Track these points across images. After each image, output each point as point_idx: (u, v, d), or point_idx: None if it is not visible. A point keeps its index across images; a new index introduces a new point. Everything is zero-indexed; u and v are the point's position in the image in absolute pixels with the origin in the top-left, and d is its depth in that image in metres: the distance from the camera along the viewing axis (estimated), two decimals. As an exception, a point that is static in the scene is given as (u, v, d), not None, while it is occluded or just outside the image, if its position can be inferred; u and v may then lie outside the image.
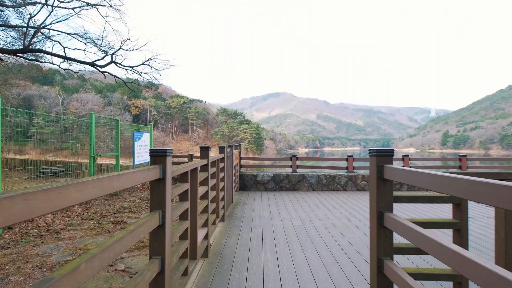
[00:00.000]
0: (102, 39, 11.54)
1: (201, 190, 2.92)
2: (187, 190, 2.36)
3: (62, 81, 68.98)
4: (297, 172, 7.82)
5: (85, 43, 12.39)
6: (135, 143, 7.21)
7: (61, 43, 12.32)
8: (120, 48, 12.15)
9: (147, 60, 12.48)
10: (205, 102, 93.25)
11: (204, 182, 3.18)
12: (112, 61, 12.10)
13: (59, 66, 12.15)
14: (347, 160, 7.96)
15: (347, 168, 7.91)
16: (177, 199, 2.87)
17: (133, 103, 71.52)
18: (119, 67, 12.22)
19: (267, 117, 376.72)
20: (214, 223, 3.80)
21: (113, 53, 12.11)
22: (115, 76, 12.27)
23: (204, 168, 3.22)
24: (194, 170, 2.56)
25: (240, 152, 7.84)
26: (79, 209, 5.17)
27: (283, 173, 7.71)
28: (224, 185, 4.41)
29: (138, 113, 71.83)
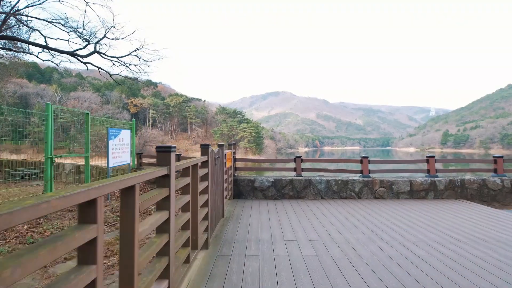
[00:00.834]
0: (84, 26, 10.37)
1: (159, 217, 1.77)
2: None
3: (60, 79, 67.95)
4: (302, 176, 6.67)
5: (67, 32, 11.21)
6: (110, 142, 6.03)
7: (41, 31, 11.15)
8: (105, 36, 10.94)
9: (135, 50, 11.17)
10: (204, 101, 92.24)
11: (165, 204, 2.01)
12: (95, 51, 10.86)
13: (37, 56, 10.96)
14: (361, 162, 6.67)
15: (361, 171, 6.69)
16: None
17: (132, 102, 70.67)
18: (103, 57, 10.99)
19: (266, 116, 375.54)
20: (187, 260, 2.56)
21: (96, 42, 10.90)
22: (98, 68, 11.07)
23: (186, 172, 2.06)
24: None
25: (234, 152, 6.71)
26: (25, 227, 4.01)
27: (285, 177, 6.59)
28: (208, 199, 3.25)
29: (136, 111, 71.00)
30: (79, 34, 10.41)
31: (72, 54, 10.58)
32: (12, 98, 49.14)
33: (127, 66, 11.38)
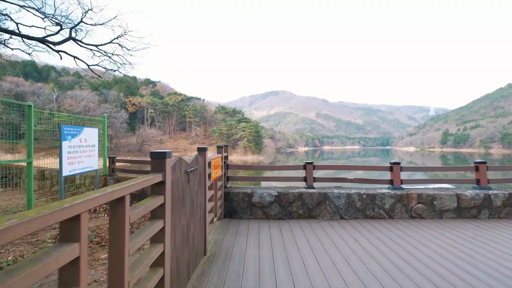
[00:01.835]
0: (56, 7, 8.89)
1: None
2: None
3: (57, 78, 66.65)
4: (314, 188, 5.23)
5: (42, 18, 9.76)
6: (65, 143, 4.60)
7: (12, 17, 9.66)
8: (81, 21, 9.47)
9: (116, 38, 9.72)
10: (203, 100, 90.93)
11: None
12: (70, 37, 9.36)
13: (4, 44, 9.52)
14: (391, 169, 5.16)
15: (390, 182, 5.21)
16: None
17: (130, 101, 69.46)
18: (80, 45, 9.50)
19: (266, 116, 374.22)
20: None
21: (72, 28, 9.41)
22: (74, 57, 9.59)
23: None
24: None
25: (226, 157, 5.33)
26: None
27: (293, 190, 5.16)
28: (163, 253, 1.80)
29: (135, 110, 69.87)
30: (50, 17, 8.93)
31: (42, 40, 9.11)
32: (8, 96, 47.81)
33: (109, 57, 9.95)
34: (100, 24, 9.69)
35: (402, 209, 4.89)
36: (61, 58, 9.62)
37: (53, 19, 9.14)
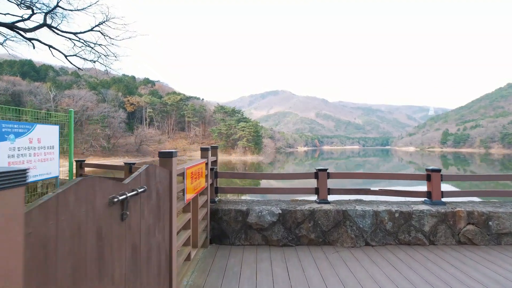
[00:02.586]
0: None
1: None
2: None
3: (55, 77, 65.54)
4: (329, 203, 4.12)
5: (17, 4, 8.61)
6: (3, 144, 3.46)
7: None
8: (57, 5, 8.27)
9: (98, 25, 8.59)
10: (203, 99, 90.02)
11: None
12: (44, 24, 8.20)
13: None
14: (428, 178, 4.07)
15: (427, 194, 4.08)
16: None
17: (128, 100, 68.56)
18: (56, 33, 8.37)
19: (265, 115, 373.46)
20: None
21: (47, 13, 8.23)
22: (49, 46, 8.42)
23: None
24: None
25: (215, 161, 4.27)
26: None
27: (301, 206, 4.02)
28: None
29: (133, 110, 68.97)
30: (20, 0, 7.71)
31: (11, 26, 7.91)
32: (4, 96, 46.70)
33: (92, 47, 8.82)
34: (79, 10, 8.51)
35: (447, 232, 3.71)
36: (33, 47, 8.42)
37: (23, 3, 7.94)
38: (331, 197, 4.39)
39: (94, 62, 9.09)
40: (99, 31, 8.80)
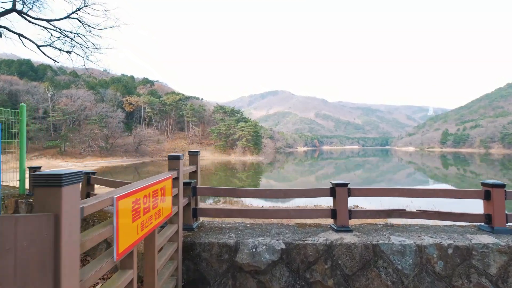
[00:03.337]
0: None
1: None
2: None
3: (53, 77, 65.44)
4: (351, 231, 3.17)
5: None
6: None
7: None
8: (29, -12, 7.75)
9: (75, 11, 7.52)
10: (202, 99, 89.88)
11: None
12: (13, 9, 7.25)
13: None
14: (486, 196, 3.17)
15: (486, 218, 3.18)
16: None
17: (127, 100, 68.53)
18: (27, 20, 7.41)
19: (265, 116, 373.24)
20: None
21: (17, -3, 7.57)
22: (19, 35, 7.68)
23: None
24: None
25: (194, 172, 3.51)
26: None
27: (313, 238, 3.01)
28: None
29: (132, 110, 68.94)
30: None
31: (-30, 12, 7.40)
32: (1, 95, 46.55)
33: (72, 38, 7.91)
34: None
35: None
36: (0, 36, 7.55)
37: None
38: (354, 222, 3.44)
39: (70, 53, 8.25)
40: (77, 18, 7.82)
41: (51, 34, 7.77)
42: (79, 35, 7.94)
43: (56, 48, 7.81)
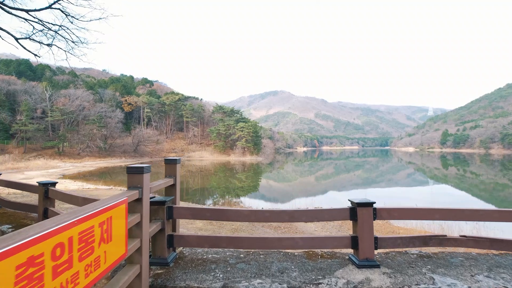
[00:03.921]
0: None
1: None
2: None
3: (52, 77, 65.17)
4: (378, 266, 2.42)
5: None
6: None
7: None
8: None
9: (57, 1, 6.72)
10: (201, 99, 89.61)
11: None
12: None
13: None
14: None
15: None
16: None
17: (126, 100, 68.34)
18: (4, 9, 6.57)
19: (265, 116, 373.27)
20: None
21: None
22: None
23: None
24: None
25: (168, 190, 2.83)
26: None
27: (329, 279, 2.24)
28: None
29: (131, 110, 68.75)
30: None
31: None
32: (-2, 95, 46.24)
33: (56, 31, 7.22)
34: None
35: None
36: None
37: None
38: (381, 252, 2.70)
39: (51, 46, 7.53)
40: (59, 9, 7.02)
41: (33, 27, 7.09)
42: (63, 27, 7.25)
43: (36, 41, 7.14)
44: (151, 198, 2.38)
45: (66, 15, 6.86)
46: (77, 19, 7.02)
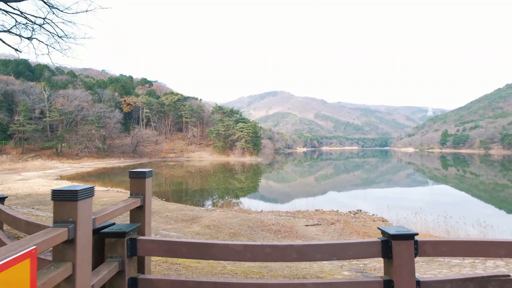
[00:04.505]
0: None
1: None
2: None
3: (50, 77, 64.89)
4: None
5: None
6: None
7: None
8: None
9: None
10: (200, 99, 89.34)
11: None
12: None
13: None
14: None
15: None
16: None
17: (125, 100, 67.99)
18: None
19: (264, 116, 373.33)
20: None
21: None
22: None
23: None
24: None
25: (135, 212, 2.06)
26: None
27: None
28: None
29: (130, 110, 68.40)
30: None
31: None
32: (-4, 95, 45.94)
33: (40, 25, 6.77)
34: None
35: None
36: None
37: None
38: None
39: (31, 39, 7.05)
40: (42, 0, 6.41)
41: (16, 20, 6.56)
42: (47, 20, 6.76)
43: (15, 34, 6.59)
44: (106, 227, 1.83)
45: (49, 6, 6.36)
46: (61, 11, 6.54)
